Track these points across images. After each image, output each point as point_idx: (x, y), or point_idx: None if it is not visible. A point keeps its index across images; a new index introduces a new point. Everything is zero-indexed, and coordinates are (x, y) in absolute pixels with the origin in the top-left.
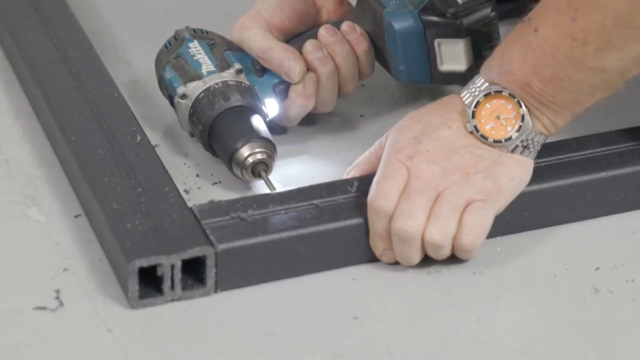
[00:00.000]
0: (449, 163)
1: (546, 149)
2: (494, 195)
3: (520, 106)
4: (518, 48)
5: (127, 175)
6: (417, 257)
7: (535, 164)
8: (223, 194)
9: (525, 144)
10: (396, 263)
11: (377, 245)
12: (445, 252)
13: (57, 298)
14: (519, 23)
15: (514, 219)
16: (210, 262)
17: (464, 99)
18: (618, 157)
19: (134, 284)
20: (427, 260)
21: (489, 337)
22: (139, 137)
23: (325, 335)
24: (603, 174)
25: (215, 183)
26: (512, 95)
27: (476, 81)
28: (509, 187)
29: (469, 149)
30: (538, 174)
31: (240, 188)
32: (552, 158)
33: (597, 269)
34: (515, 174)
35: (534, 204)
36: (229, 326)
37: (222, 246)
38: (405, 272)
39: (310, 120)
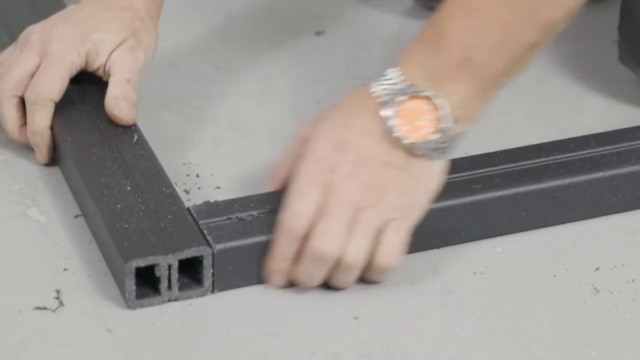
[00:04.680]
0: (367, 177)
1: (544, 149)
2: (410, 212)
3: (439, 108)
4: (457, 18)
5: (124, 175)
6: (321, 278)
7: (532, 164)
8: (223, 195)
9: (440, 146)
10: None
11: (276, 266)
12: (355, 275)
13: (57, 298)
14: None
15: (512, 220)
16: (207, 262)
17: (378, 99)
18: (616, 157)
19: (131, 284)
20: (426, 260)
21: (489, 337)
22: (136, 137)
23: (325, 335)
24: (601, 174)
25: (218, 188)
26: (430, 97)
27: (390, 76)
28: (423, 201)
29: (384, 157)
30: (536, 174)
31: (240, 188)
32: (549, 158)
33: (597, 269)
34: (428, 186)
35: (532, 204)
36: (229, 326)
37: (219, 246)
38: (405, 272)
39: None
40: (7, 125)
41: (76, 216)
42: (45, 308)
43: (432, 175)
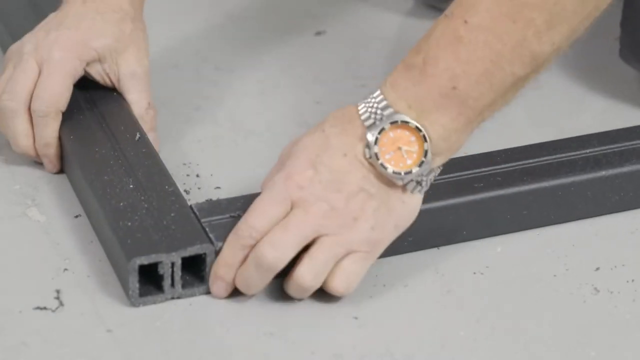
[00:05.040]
0: (338, 202)
1: (545, 148)
2: (376, 247)
3: (425, 141)
4: (444, 46)
5: (127, 173)
6: (260, 288)
7: (534, 163)
8: (223, 195)
9: (419, 179)
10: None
11: (218, 272)
12: (308, 294)
13: (57, 298)
14: (434, 24)
15: (514, 218)
16: (210, 260)
17: (364, 121)
18: (618, 156)
19: (134, 282)
20: (426, 260)
21: (489, 337)
22: (138, 135)
23: (325, 335)
24: (603, 173)
25: (218, 188)
26: (418, 128)
27: (378, 100)
28: (392, 236)
29: (360, 183)
30: (538, 173)
31: (240, 188)
32: (551, 157)
33: (597, 269)
34: (399, 221)
35: (534, 202)
36: (229, 326)
37: (221, 244)
38: (405, 272)
39: None
40: (21, 141)
41: (76, 216)
42: (45, 308)
43: (405, 211)
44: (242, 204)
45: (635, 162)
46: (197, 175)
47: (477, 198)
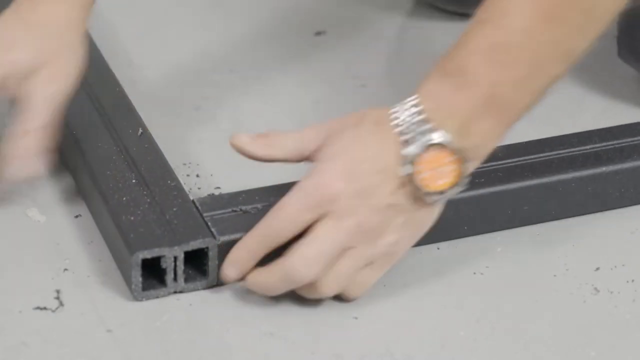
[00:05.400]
0: (365, 218)
1: (547, 144)
2: (394, 258)
3: (463, 162)
4: (480, 52)
5: (129, 168)
6: (280, 292)
7: (535, 158)
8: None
9: (447, 197)
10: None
11: (236, 254)
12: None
13: (57, 298)
14: (464, 31)
15: (515, 213)
16: (212, 254)
17: (400, 135)
18: (619, 152)
19: (137, 276)
20: (426, 260)
21: (489, 337)
22: (140, 130)
23: (325, 335)
24: (604, 169)
25: (217, 188)
26: (456, 150)
27: (413, 110)
28: (409, 246)
29: (389, 199)
30: (539, 169)
31: (240, 189)
32: (552, 153)
33: (597, 269)
34: (420, 232)
35: (535, 198)
36: (229, 326)
37: (223, 238)
38: (405, 272)
39: None
40: None
41: (76, 216)
42: (45, 308)
43: (427, 221)
44: (244, 198)
45: (636, 159)
46: (197, 175)
47: (477, 193)
